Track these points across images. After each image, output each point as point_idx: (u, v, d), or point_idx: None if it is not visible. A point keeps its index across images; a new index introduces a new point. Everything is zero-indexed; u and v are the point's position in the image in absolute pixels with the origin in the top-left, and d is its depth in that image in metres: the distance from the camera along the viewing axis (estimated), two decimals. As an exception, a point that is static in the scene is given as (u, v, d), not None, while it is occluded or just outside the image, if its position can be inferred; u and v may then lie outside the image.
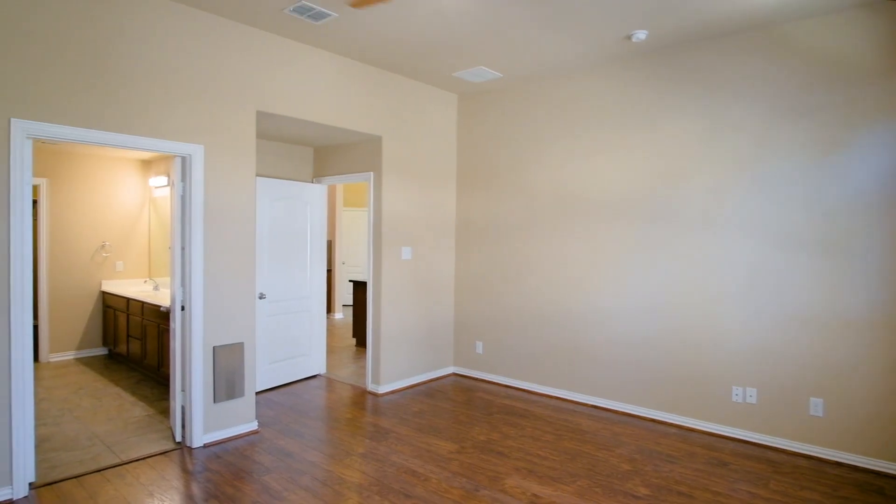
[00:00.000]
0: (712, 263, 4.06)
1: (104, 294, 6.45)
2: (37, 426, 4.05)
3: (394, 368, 5.14)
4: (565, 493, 3.10)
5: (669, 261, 4.27)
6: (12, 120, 2.87)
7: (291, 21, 3.81)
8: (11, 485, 2.94)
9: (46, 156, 6.04)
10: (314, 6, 3.54)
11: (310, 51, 4.30)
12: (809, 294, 3.66)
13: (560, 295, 4.94)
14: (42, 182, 6.03)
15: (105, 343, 6.48)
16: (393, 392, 5.07)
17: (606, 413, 4.53)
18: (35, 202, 6.66)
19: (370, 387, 5.10)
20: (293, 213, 5.37)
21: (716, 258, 4.05)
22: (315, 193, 5.58)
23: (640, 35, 3.94)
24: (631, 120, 4.48)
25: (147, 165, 6.81)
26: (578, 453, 3.68)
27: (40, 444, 3.72)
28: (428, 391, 5.13)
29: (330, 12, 3.64)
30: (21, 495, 2.96)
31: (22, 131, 2.91)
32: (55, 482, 3.16)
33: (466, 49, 4.32)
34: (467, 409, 4.60)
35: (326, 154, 5.61)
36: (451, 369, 5.81)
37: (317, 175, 5.72)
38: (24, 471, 2.98)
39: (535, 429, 4.14)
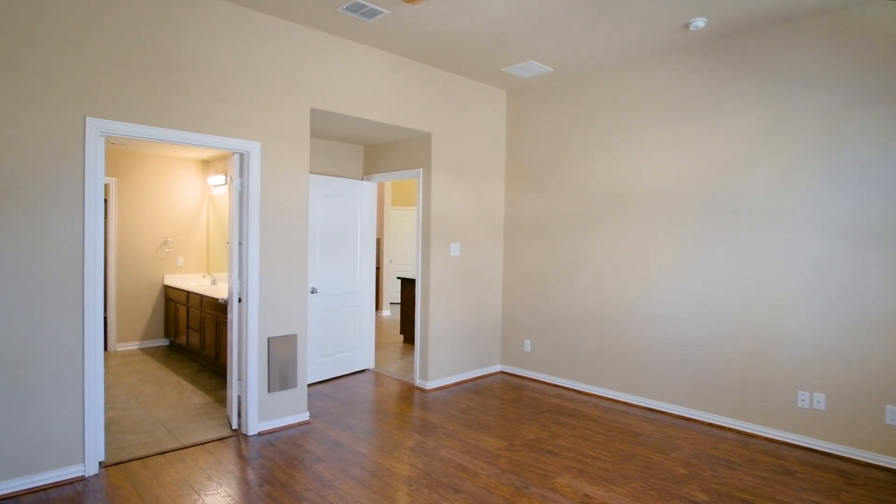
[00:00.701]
0: (777, 261, 3.86)
1: (166, 288, 6.77)
2: (106, 410, 4.29)
3: (441, 365, 5.15)
4: (618, 495, 3.01)
5: (730, 258, 4.09)
6: (87, 119, 3.04)
7: (344, 19, 3.87)
8: (84, 463, 3.12)
9: (115, 156, 6.39)
10: (366, 4, 3.59)
11: (361, 49, 4.36)
12: (885, 294, 3.42)
13: (613, 293, 4.81)
14: (111, 181, 6.39)
15: (167, 334, 6.80)
16: (440, 388, 5.08)
17: (659, 415, 4.38)
18: (105, 200, 7.05)
19: (418, 382, 5.13)
20: (344, 210, 5.46)
21: (781, 255, 3.84)
22: (365, 190, 5.67)
23: (699, 23, 3.79)
24: (689, 112, 4.31)
25: (206, 165, 7.10)
26: (631, 455, 3.57)
27: (109, 426, 3.94)
28: (475, 388, 5.11)
29: (381, 9, 3.68)
30: (92, 473, 3.14)
31: (96, 129, 3.08)
32: (122, 462, 3.33)
33: (516, 43, 4.27)
34: (515, 407, 4.55)
35: (376, 151, 5.68)
36: (498, 367, 5.76)
37: (367, 172, 5.80)
38: (95, 451, 3.16)
39: (586, 429, 4.05)
